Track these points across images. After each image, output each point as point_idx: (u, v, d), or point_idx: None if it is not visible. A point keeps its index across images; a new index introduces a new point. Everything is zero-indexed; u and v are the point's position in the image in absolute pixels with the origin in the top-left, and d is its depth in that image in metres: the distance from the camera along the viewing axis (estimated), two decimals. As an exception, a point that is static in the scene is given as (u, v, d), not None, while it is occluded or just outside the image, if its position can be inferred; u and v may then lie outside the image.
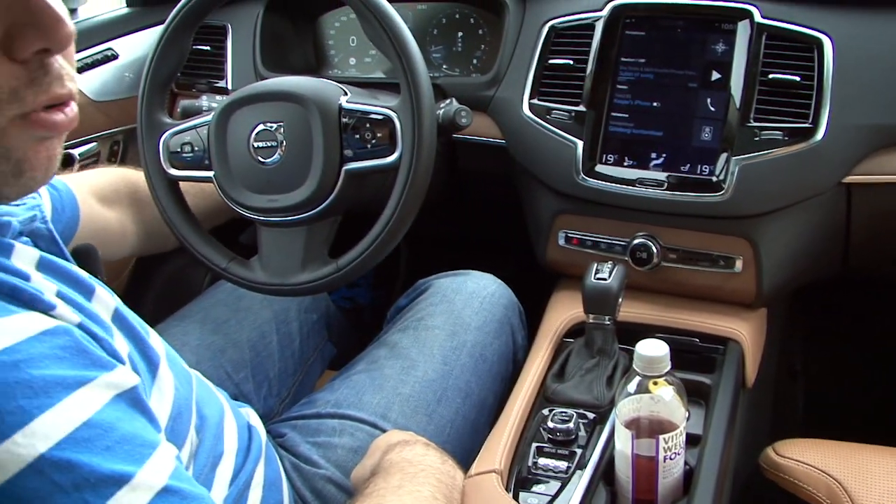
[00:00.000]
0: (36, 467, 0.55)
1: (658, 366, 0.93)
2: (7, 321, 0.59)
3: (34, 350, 0.58)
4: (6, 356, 0.57)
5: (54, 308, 0.63)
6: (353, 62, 1.65)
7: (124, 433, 0.61)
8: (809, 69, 1.21)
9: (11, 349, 0.57)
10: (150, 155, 1.26)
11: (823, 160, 1.20)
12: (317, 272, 1.19)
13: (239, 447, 0.96)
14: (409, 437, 0.99)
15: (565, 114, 1.31)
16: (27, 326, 0.59)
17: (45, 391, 0.57)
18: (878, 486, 1.05)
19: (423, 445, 0.96)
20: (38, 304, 0.62)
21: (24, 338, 0.58)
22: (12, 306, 0.60)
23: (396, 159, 1.13)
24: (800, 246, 1.28)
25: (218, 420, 0.93)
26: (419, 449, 0.95)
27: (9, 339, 0.57)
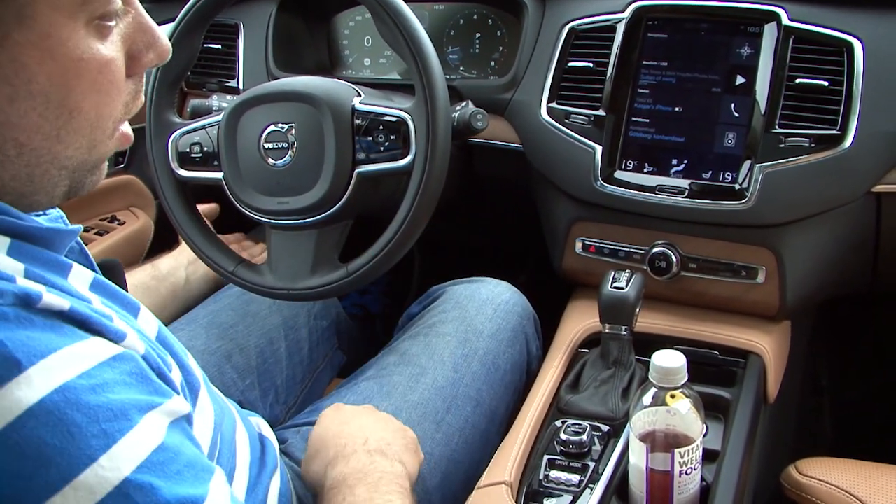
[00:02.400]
0: (122, 490, 0.59)
1: (674, 377, 0.95)
2: (79, 347, 0.62)
3: (107, 375, 0.62)
4: (85, 380, 0.60)
5: (124, 338, 0.66)
6: (367, 63, 1.67)
7: (189, 458, 0.65)
8: (838, 73, 1.22)
9: (88, 374, 0.61)
10: (159, 155, 1.29)
11: (851, 168, 1.21)
12: (326, 277, 1.21)
13: (252, 459, 0.97)
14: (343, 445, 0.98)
15: (584, 118, 1.33)
16: (98, 352, 0.63)
17: (125, 414, 0.61)
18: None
19: (365, 452, 0.96)
20: (107, 333, 0.65)
21: (97, 363, 0.62)
22: (81, 331, 0.63)
23: (410, 162, 1.15)
24: (826, 257, 1.29)
25: (231, 432, 0.95)
26: (363, 457, 0.95)
27: (84, 364, 0.61)
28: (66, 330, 0.62)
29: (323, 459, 0.97)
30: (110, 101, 0.68)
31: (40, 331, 0.60)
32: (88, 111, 0.66)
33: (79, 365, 0.61)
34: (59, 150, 0.67)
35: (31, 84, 0.62)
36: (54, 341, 0.60)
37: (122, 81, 0.68)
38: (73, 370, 0.60)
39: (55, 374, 0.59)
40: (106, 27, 0.66)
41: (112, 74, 0.67)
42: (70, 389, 0.59)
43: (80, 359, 0.61)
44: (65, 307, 0.62)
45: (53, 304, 0.61)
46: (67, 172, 0.69)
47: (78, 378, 0.60)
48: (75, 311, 0.63)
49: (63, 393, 0.59)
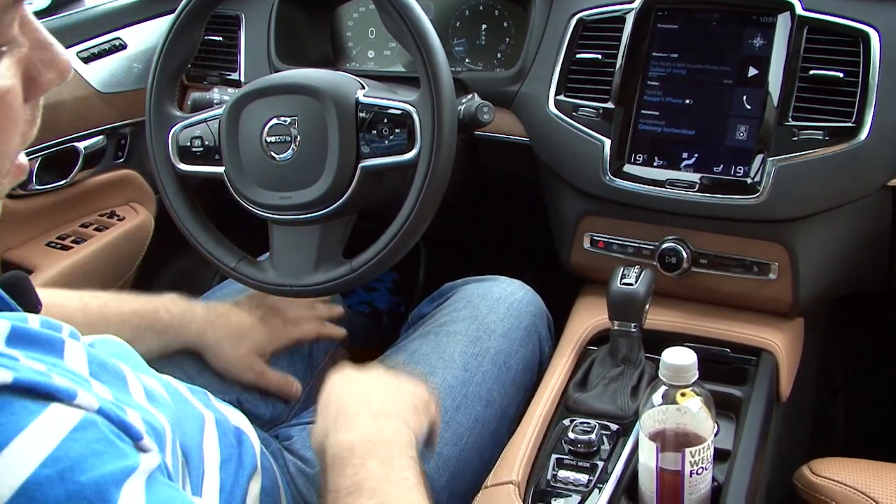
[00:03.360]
0: None
1: (685, 375, 0.94)
2: (36, 425, 0.56)
3: (73, 452, 0.56)
4: (50, 468, 0.55)
5: (76, 395, 0.60)
6: (371, 55, 1.67)
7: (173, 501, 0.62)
8: (854, 65, 1.21)
9: (53, 458, 0.55)
10: (159, 149, 1.29)
11: (867, 162, 1.20)
12: (330, 273, 1.21)
13: (223, 458, 0.94)
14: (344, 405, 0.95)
15: (593, 111, 1.33)
16: (57, 426, 0.57)
17: (101, 497, 0.56)
18: (922, 508, 1.05)
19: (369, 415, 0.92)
20: (59, 395, 0.59)
21: (60, 440, 0.56)
22: (33, 402, 0.57)
23: (415, 156, 1.15)
24: (840, 253, 1.28)
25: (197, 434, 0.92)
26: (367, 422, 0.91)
27: (46, 446, 0.55)
28: (15, 408, 0.56)
29: (324, 422, 0.94)
30: (7, 136, 0.60)
31: None
32: None
33: (40, 449, 0.55)
34: None
35: None
36: (5, 429, 0.55)
37: (20, 111, 0.61)
38: (34, 458, 0.55)
39: (14, 472, 0.54)
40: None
41: (8, 108, 0.59)
42: (35, 486, 0.54)
43: (39, 440, 0.55)
44: (7, 380, 0.56)
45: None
46: None
47: (41, 468, 0.55)
48: (20, 380, 0.56)
49: (27, 493, 0.54)
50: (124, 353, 0.87)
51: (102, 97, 1.64)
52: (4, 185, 0.63)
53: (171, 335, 1.21)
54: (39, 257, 1.56)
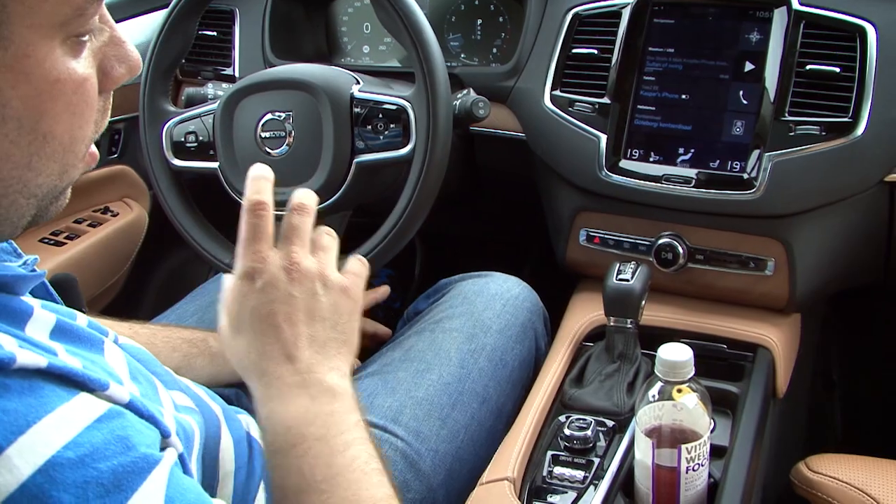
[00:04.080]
0: None
1: (681, 371, 0.94)
2: (63, 410, 0.58)
3: (96, 439, 0.58)
4: (71, 451, 0.56)
5: (107, 387, 0.62)
6: (366, 50, 1.67)
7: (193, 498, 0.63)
8: (850, 59, 1.22)
9: (75, 442, 0.57)
10: (153, 144, 1.29)
11: (864, 157, 1.21)
12: None
13: (237, 466, 0.94)
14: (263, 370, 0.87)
15: (588, 106, 1.33)
16: (83, 413, 0.59)
17: (117, 486, 0.57)
18: (918, 503, 1.06)
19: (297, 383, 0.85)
20: (89, 384, 0.61)
21: (84, 427, 0.58)
22: (63, 389, 0.59)
23: (410, 151, 1.16)
24: (837, 249, 1.29)
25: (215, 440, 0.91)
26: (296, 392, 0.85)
27: (70, 431, 0.57)
28: (45, 392, 0.58)
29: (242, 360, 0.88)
30: (84, 122, 0.65)
31: (17, 398, 0.56)
32: (62, 135, 0.63)
33: (64, 433, 0.57)
34: (30, 179, 0.63)
35: (4, 109, 0.59)
36: (34, 409, 0.56)
37: (95, 100, 0.65)
38: (57, 441, 0.56)
39: (38, 451, 0.55)
40: (80, 43, 0.63)
41: (86, 94, 0.64)
42: (55, 466, 0.55)
43: (64, 425, 0.57)
44: (42, 364, 0.58)
45: (29, 364, 0.57)
46: (36, 201, 0.65)
47: (63, 449, 0.56)
48: (54, 366, 0.58)
49: (47, 472, 0.55)
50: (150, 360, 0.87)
51: (95, 93, 1.63)
52: (78, 169, 0.68)
53: (221, 362, 1.21)
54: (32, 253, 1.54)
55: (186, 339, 1.21)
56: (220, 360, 1.21)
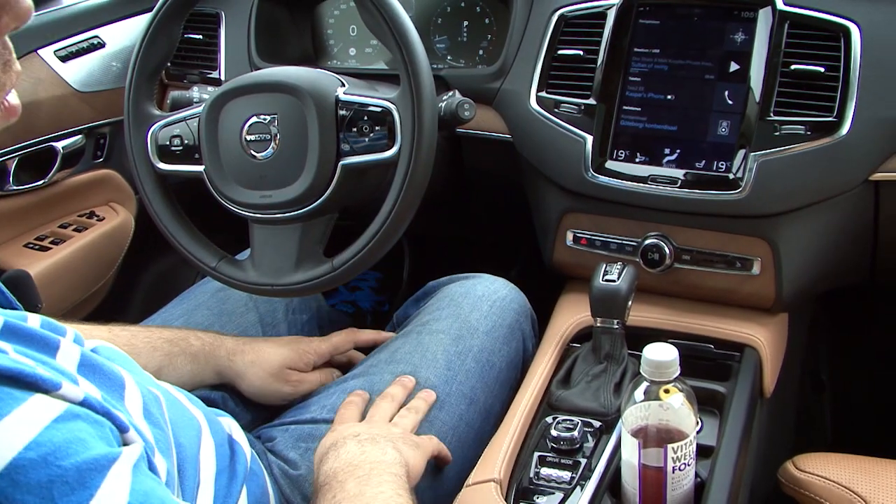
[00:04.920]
0: None
1: (667, 371, 0.95)
2: (19, 413, 0.57)
3: (56, 439, 0.58)
4: (33, 452, 0.56)
5: (59, 386, 0.61)
6: (353, 52, 1.67)
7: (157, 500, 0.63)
8: (835, 59, 1.23)
9: (35, 443, 0.57)
10: (138, 148, 1.29)
11: (848, 156, 1.22)
12: (311, 272, 1.21)
13: (219, 469, 0.95)
14: (335, 439, 1.00)
15: (574, 107, 1.34)
16: (40, 415, 0.59)
17: (82, 483, 0.58)
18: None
19: (355, 442, 0.97)
20: (42, 385, 0.60)
21: (42, 428, 0.58)
22: (17, 390, 0.58)
23: (395, 154, 1.16)
24: (823, 248, 1.29)
25: (195, 445, 0.93)
26: (353, 448, 0.96)
27: (28, 433, 0.57)
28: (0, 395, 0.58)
29: (316, 456, 0.98)
30: None
31: None
32: None
33: (23, 435, 0.57)
34: None
35: None
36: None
37: None
38: (16, 443, 0.56)
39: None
40: None
41: None
42: (17, 469, 0.55)
43: (22, 427, 0.57)
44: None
45: None
46: None
47: (25, 451, 0.56)
48: (4, 367, 0.58)
49: (10, 476, 0.55)
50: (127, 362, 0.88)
51: (81, 96, 1.64)
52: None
53: (202, 361, 1.23)
54: (17, 259, 1.55)
55: (167, 338, 1.22)
56: (202, 359, 1.22)
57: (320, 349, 1.32)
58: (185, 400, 0.98)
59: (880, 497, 1.08)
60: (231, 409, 1.26)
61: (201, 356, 1.23)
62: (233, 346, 1.27)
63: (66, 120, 1.62)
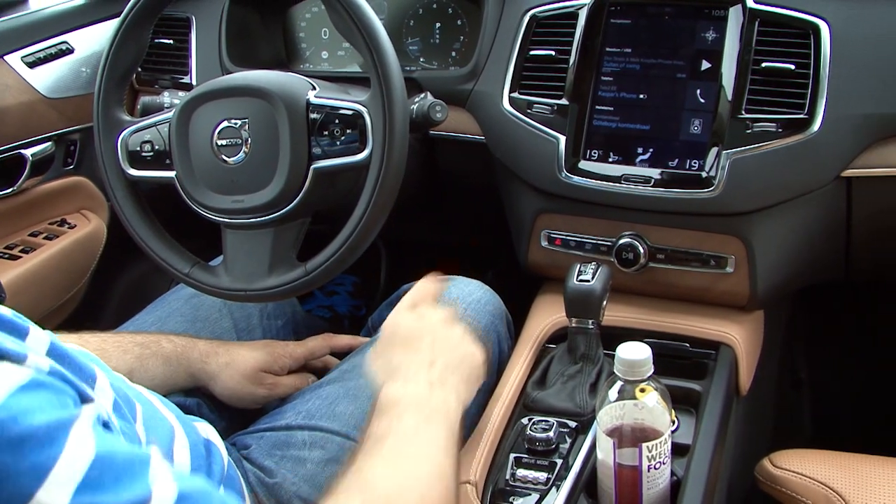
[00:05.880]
0: None
1: (640, 370, 0.96)
2: None
3: (23, 402, 0.60)
4: (3, 412, 0.58)
5: (26, 357, 0.63)
6: (325, 55, 1.68)
7: (123, 457, 0.64)
8: (805, 57, 1.24)
9: (4, 406, 0.58)
10: (108, 154, 1.29)
11: (820, 153, 1.23)
12: (284, 277, 1.21)
13: (193, 468, 0.96)
14: (408, 366, 0.99)
15: (547, 108, 1.34)
16: (7, 380, 0.60)
17: (51, 439, 0.60)
18: (880, 496, 1.08)
19: (426, 383, 0.96)
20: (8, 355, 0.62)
21: (9, 393, 0.59)
22: None
23: (367, 157, 1.16)
24: (796, 245, 1.31)
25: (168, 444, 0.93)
26: (423, 385, 0.96)
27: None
28: None
29: (387, 365, 0.99)
30: None
31: None
32: None
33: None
34: None
35: None
36: None
37: None
38: None
39: None
40: None
41: None
42: None
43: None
44: None
45: None
46: None
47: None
48: None
49: None
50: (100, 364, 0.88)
51: (49, 103, 1.63)
52: None
53: (175, 363, 1.23)
54: (-12, 268, 1.55)
55: (138, 342, 1.22)
56: (174, 361, 1.22)
57: (296, 353, 1.32)
58: (158, 402, 0.98)
59: (856, 492, 1.09)
60: (206, 415, 1.26)
61: (174, 358, 1.23)
62: (206, 348, 1.27)
63: (34, 127, 1.61)
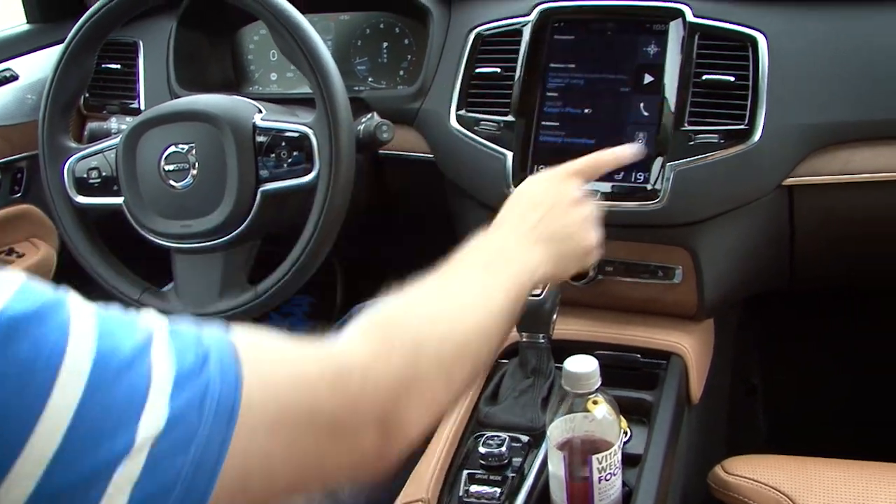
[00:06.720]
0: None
1: (587, 382, 0.97)
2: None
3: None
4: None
5: None
6: (274, 77, 1.68)
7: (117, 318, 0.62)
8: (744, 69, 1.26)
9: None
10: (54, 182, 1.29)
11: (761, 162, 1.25)
12: (235, 300, 1.22)
13: None
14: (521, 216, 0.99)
15: (494, 124, 1.36)
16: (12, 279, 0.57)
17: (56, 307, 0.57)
18: (828, 497, 1.10)
19: (526, 238, 0.95)
20: None
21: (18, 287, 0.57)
22: None
23: (314, 178, 1.17)
24: (742, 254, 1.33)
25: None
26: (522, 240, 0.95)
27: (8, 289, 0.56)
28: None
29: (503, 212, 1.00)
30: None
31: None
32: None
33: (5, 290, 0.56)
34: None
35: None
36: None
37: None
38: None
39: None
40: None
41: None
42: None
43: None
44: None
45: None
46: None
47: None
48: None
49: None
50: None
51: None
52: None
53: None
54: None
55: None
56: None
57: None
58: None
59: (805, 494, 1.11)
60: None
61: None
62: None
63: (-22, 155, 1.60)
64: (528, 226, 0.96)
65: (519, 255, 0.92)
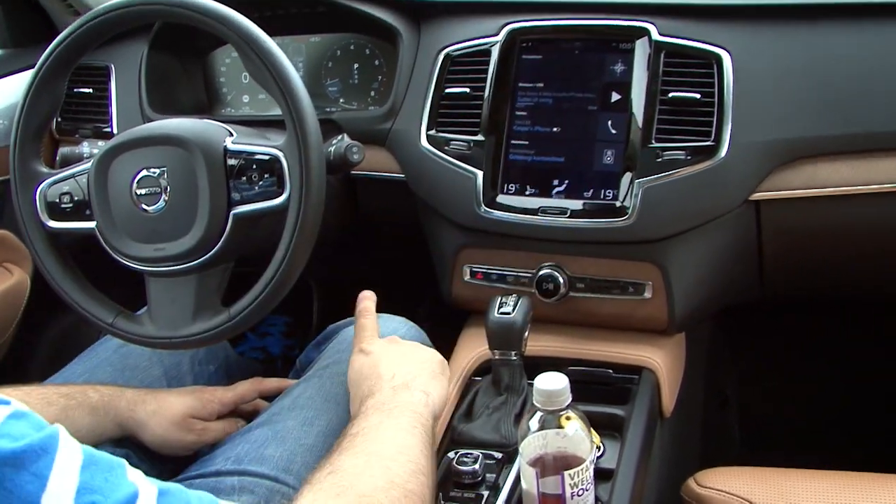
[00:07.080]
0: None
1: (558, 399, 0.98)
2: None
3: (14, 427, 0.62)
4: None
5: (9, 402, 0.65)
6: (246, 100, 1.69)
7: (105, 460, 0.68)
8: (710, 86, 1.29)
9: None
10: (26, 207, 1.29)
11: (728, 178, 1.27)
12: (209, 322, 1.22)
13: None
14: (370, 387, 1.08)
15: (464, 144, 1.37)
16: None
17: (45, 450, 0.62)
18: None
19: (390, 389, 1.06)
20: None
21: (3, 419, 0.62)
22: None
23: (285, 200, 1.17)
24: (711, 268, 1.35)
25: None
26: (387, 393, 1.05)
27: None
28: None
29: (356, 398, 1.08)
30: None
31: None
32: None
33: None
34: None
35: None
36: None
37: None
38: None
39: None
40: None
41: None
42: None
43: None
44: None
45: None
46: None
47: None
48: None
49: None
50: None
51: (-35, 157, 1.61)
52: None
53: (102, 413, 1.23)
54: None
55: (63, 393, 1.21)
56: (101, 411, 1.22)
57: (225, 398, 1.32)
58: None
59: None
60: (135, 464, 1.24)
61: (100, 408, 1.23)
62: (133, 396, 1.26)
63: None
64: (389, 380, 1.08)
65: (406, 401, 1.04)
